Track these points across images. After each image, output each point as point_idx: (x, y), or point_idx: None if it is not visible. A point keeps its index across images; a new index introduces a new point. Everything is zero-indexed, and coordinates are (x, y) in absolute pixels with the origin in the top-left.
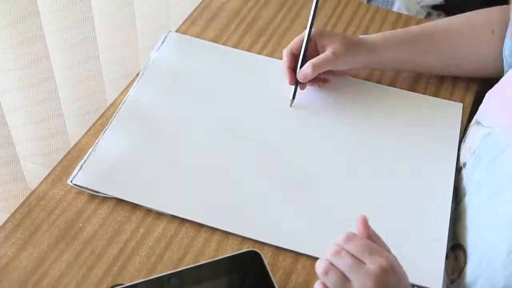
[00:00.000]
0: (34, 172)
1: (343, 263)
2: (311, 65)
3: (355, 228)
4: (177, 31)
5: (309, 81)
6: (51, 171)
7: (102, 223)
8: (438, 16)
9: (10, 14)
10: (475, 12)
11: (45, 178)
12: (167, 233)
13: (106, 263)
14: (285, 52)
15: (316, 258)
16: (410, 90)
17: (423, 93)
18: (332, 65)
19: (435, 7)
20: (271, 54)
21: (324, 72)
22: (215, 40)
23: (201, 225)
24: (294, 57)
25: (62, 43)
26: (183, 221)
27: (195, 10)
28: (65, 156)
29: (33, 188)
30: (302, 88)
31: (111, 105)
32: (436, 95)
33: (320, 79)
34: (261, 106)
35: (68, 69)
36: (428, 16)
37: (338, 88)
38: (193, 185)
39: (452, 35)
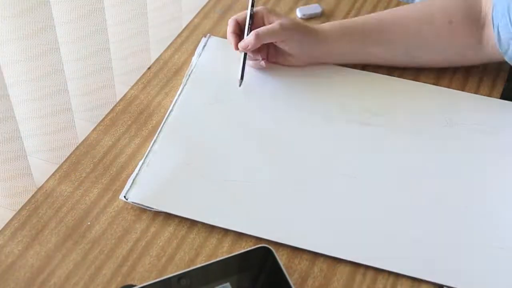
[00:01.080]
0: (41, 168)
1: None
2: (254, 33)
3: (375, 227)
4: (189, 24)
5: (254, 55)
6: (59, 167)
7: (111, 221)
8: None
9: (19, 4)
10: (430, 1)
11: (53, 174)
12: (178, 233)
13: (115, 263)
14: (230, 20)
15: (334, 259)
16: (435, 85)
17: (448, 87)
18: (276, 37)
19: None
20: None
21: (275, 55)
22: None
23: (214, 226)
24: (238, 24)
25: (72, 35)
26: (195, 221)
27: (208, 2)
28: (73, 151)
29: (40, 185)
30: (251, 59)
31: (121, 100)
32: (462, 89)
33: (263, 53)
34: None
35: (77, 61)
36: None
37: (359, 84)
38: (206, 186)
39: (403, 25)
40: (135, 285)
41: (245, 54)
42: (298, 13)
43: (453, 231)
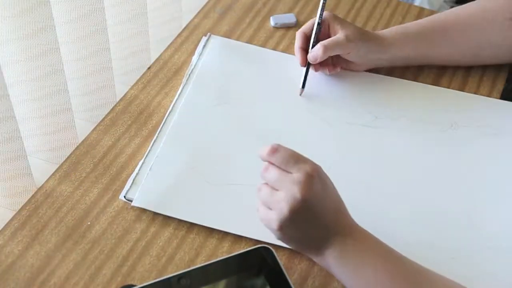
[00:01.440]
0: (41, 168)
1: (271, 176)
2: (321, 46)
3: (375, 227)
4: (189, 24)
5: (320, 65)
6: (58, 167)
7: (111, 221)
8: None
9: (19, 4)
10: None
11: (53, 174)
12: (178, 233)
13: (115, 263)
14: (298, 33)
15: None
16: (434, 85)
17: (448, 88)
18: (343, 49)
19: (458, 1)
20: (286, 49)
21: (337, 62)
22: (228, 34)
23: None
24: (306, 38)
25: (72, 35)
26: None
27: (208, 2)
28: (73, 151)
29: (40, 185)
30: (315, 70)
31: (121, 100)
32: (462, 89)
33: (330, 64)
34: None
35: (77, 61)
36: None
37: (361, 85)
38: (210, 190)
39: (466, 25)
40: (135, 285)
41: (309, 64)
42: (272, 22)
43: (455, 232)
